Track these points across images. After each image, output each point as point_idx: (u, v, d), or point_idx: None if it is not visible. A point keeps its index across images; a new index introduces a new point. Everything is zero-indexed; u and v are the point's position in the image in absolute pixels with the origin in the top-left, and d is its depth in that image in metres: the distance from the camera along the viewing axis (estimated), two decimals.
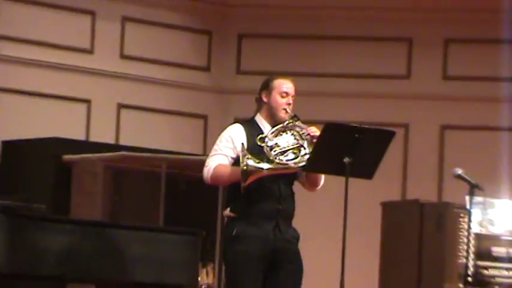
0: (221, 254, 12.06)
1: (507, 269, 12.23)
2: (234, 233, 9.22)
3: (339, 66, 15.45)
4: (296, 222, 9.33)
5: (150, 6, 16.11)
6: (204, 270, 13.45)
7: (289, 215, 9.38)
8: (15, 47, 14.91)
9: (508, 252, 12.29)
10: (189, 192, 13.95)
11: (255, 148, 9.11)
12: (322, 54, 15.44)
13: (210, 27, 16.51)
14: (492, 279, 12.10)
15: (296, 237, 9.40)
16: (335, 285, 9.15)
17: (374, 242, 12.39)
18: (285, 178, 9.35)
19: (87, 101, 15.70)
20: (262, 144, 9.14)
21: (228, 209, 9.41)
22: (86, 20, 15.79)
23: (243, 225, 9.22)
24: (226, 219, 9.61)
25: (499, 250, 12.25)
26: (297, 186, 9.37)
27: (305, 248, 9.39)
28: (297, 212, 9.39)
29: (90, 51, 15.78)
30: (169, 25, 16.28)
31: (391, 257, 12.48)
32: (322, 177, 9.41)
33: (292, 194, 9.41)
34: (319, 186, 9.48)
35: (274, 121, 9.37)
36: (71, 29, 15.68)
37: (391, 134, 9.53)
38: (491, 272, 12.11)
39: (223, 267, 10.86)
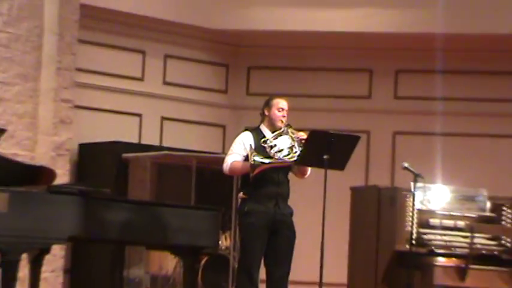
0: (236, 225, 12.44)
1: (440, 235, 12.36)
2: (245, 209, 9.75)
3: (320, 89, 15.50)
4: (290, 202, 9.78)
5: (185, 46, 16.09)
6: (223, 236, 13.58)
7: (285, 196, 9.85)
8: (88, 76, 15.07)
9: (441, 223, 12.45)
10: (212, 180, 14.06)
11: (260, 148, 9.60)
12: (307, 80, 15.40)
13: (227, 62, 16.52)
14: (429, 242, 12.21)
15: (290, 213, 9.84)
16: (317, 246, 9.53)
17: (345, 215, 12.56)
18: (282, 169, 9.81)
19: (139, 115, 15.89)
20: (265, 145, 9.65)
21: (241, 192, 9.93)
22: (139, 56, 15.91)
23: (252, 204, 9.72)
24: (240, 199, 10.02)
25: (434, 221, 12.44)
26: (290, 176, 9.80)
27: (296, 220, 9.77)
28: (291, 194, 9.84)
29: (141, 79, 15.92)
30: (198, 60, 16.30)
31: (357, 227, 12.70)
32: (309, 169, 9.90)
33: (288, 181, 9.89)
34: (307, 175, 9.95)
35: (273, 128, 9.83)
36: (127, 63, 15.84)
37: (357, 138, 9.98)
38: (428, 236, 12.27)
39: (238, 234, 11.28)
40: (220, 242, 12.91)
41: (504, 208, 12.63)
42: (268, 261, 9.85)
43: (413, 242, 12.02)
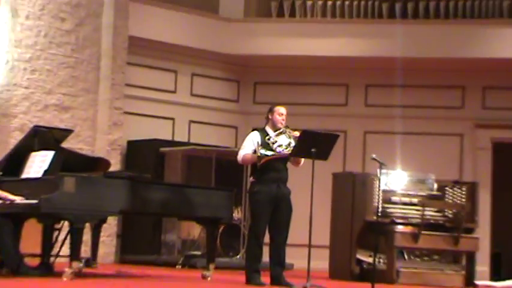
0: (246, 201, 12.50)
1: (399, 208, 12.37)
2: (255, 189, 9.88)
3: (310, 99, 15.54)
4: (288, 184, 9.85)
5: (207, 67, 16.10)
6: (236, 210, 13.39)
7: (285, 180, 9.93)
8: (134, 89, 15.09)
9: (399, 199, 12.46)
10: (227, 168, 13.94)
11: (265, 143, 9.80)
12: (300, 92, 15.38)
13: (238, 79, 16.50)
14: (391, 214, 12.28)
15: (288, 192, 9.93)
16: (308, 217, 9.52)
17: (328, 194, 12.58)
18: (281, 159, 9.88)
19: (172, 119, 15.83)
20: (269, 141, 9.85)
21: (251, 177, 10.03)
22: (172, 75, 15.84)
23: (260, 186, 9.84)
24: (250, 182, 10.10)
25: (394, 198, 12.45)
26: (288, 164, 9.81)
27: (293, 198, 9.87)
28: (289, 178, 9.90)
29: (174, 92, 15.87)
30: (217, 77, 16.29)
31: (337, 203, 12.68)
32: (302, 160, 9.95)
33: (286, 168, 9.98)
34: (301, 165, 10.01)
35: (275, 129, 9.91)
36: (164, 79, 15.80)
37: (337, 136, 10.20)
38: (390, 210, 12.32)
39: (247, 209, 11.36)
40: (233, 215, 12.86)
41: (447, 189, 12.71)
42: (271, 229, 9.95)
43: (379, 214, 11.94)
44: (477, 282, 12.61)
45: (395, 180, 12.62)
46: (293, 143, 9.78)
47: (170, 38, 15.39)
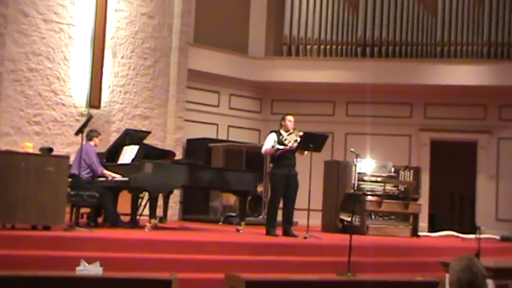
0: (266, 180, 12.49)
1: (369, 185, 12.37)
2: (273, 172, 10.17)
3: (310, 111, 15.26)
4: (297, 167, 9.75)
5: (239, 89, 15.86)
6: (259, 185, 13.34)
7: (294, 165, 10.06)
8: (191, 105, 14.83)
9: (369, 179, 12.44)
10: (253, 158, 13.66)
11: (279, 141, 9.96)
12: (304, 107, 15.13)
13: (261, 97, 16.28)
14: (363, 188, 12.26)
15: (296, 173, 10.06)
16: (307, 190, 9.53)
17: (321, 175, 12.33)
18: (291, 151, 9.96)
19: (217, 124, 15.62)
20: (282, 139, 9.97)
21: (271, 164, 10.34)
22: (216, 95, 15.62)
23: (277, 169, 10.06)
24: (270, 167, 10.41)
25: (365, 178, 12.41)
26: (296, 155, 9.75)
27: (299, 177, 9.87)
28: (297, 164, 9.84)
29: (217, 106, 15.61)
30: (246, 96, 16.10)
31: (327, 181, 12.61)
32: (305, 152, 10.00)
33: (295, 157, 10.07)
34: (304, 155, 10.05)
35: (286, 130, 9.99)
36: (209, 98, 15.54)
37: (327, 136, 10.50)
38: (363, 185, 12.31)
39: (267, 185, 11.28)
40: (257, 189, 12.86)
41: (400, 171, 12.72)
42: (284, 198, 10.09)
43: (355, 188, 12.21)
44: (420, 233, 12.69)
45: (366, 166, 12.59)
46: (298, 140, 9.85)
47: (215, 70, 15.27)
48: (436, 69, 15.32)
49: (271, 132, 10.20)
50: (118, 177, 9.82)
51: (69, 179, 9.01)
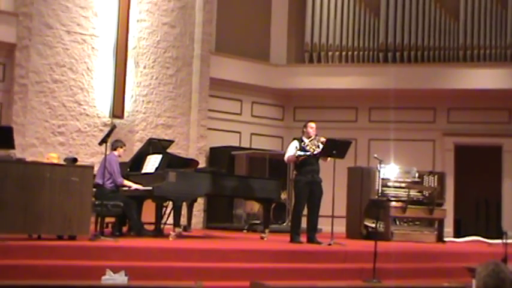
0: (290, 187, 12.47)
1: (393, 190, 12.26)
2: (297, 179, 10.12)
3: (332, 117, 15.09)
4: (321, 174, 9.77)
5: (262, 97, 15.82)
6: (283, 193, 13.24)
7: (317, 171, 10.01)
8: (214, 113, 14.81)
9: (393, 184, 12.31)
10: (276, 165, 13.50)
11: (302, 147, 9.84)
12: (326, 113, 14.99)
13: (283, 104, 16.21)
14: (387, 194, 12.14)
15: (320, 180, 10.01)
16: (331, 197, 9.50)
17: (345, 181, 12.19)
18: (314, 157, 9.92)
19: (239, 132, 15.54)
20: (304, 146, 9.97)
21: (295, 171, 10.21)
22: (239, 103, 15.59)
23: (300, 176, 10.03)
24: (294, 175, 10.31)
25: (389, 183, 12.28)
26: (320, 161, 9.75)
27: (323, 184, 9.85)
28: (321, 170, 9.85)
29: (240, 114, 15.58)
30: (268, 104, 16.03)
31: (351, 187, 12.45)
32: (328, 158, 10.01)
33: (318, 164, 10.03)
34: (327, 161, 10.08)
35: (308, 137, 9.98)
36: (233, 106, 15.49)
37: (350, 142, 10.60)
38: (387, 191, 12.18)
39: (291, 192, 11.27)
40: (281, 196, 12.79)
41: (424, 177, 12.62)
42: (308, 205, 10.07)
43: (379, 194, 12.14)
44: (445, 239, 12.59)
45: (390, 172, 12.47)
46: (321, 147, 9.84)
47: (237, 78, 15.26)
48: (459, 73, 15.19)
49: (293, 139, 10.18)
50: (138, 187, 9.86)
51: (94, 189, 9.06)
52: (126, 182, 9.88)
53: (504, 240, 8.80)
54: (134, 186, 9.86)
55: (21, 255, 7.22)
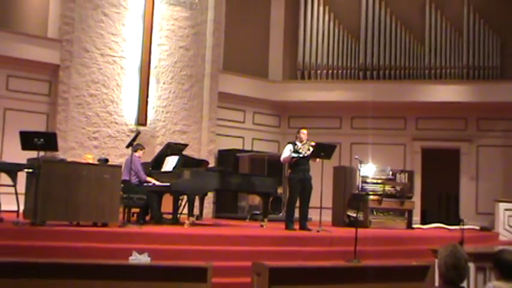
0: (285, 183, 12.36)
1: (371, 186, 12.29)
2: (291, 176, 10.03)
3: (320, 124, 15.02)
4: (311, 172, 9.66)
5: (262, 107, 15.76)
6: (279, 188, 13.08)
7: (308, 170, 9.97)
8: (222, 121, 14.78)
9: (371, 181, 12.34)
10: (273, 165, 13.39)
11: (295, 150, 9.79)
12: (316, 121, 14.93)
13: (279, 114, 16.13)
14: (366, 189, 12.16)
15: (310, 177, 9.96)
16: (320, 191, 9.51)
17: (331, 179, 12.12)
18: (305, 158, 9.85)
19: (243, 137, 15.45)
20: (297, 149, 9.88)
21: (289, 170, 10.08)
22: (242, 113, 15.57)
23: (294, 174, 9.99)
24: (288, 173, 10.19)
25: (368, 180, 12.31)
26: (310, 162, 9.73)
27: (313, 180, 9.72)
28: (311, 169, 9.78)
29: (243, 122, 15.53)
30: (267, 113, 15.94)
31: (336, 183, 12.44)
32: (317, 159, 9.92)
33: (309, 164, 9.99)
34: (317, 162, 9.97)
35: (301, 142, 9.95)
36: (237, 115, 15.47)
37: (335, 146, 10.35)
38: (366, 186, 12.23)
39: (286, 188, 11.14)
40: (278, 191, 12.74)
41: (396, 174, 12.67)
42: (300, 198, 10.04)
43: (359, 189, 12.15)
44: (413, 226, 12.65)
45: (368, 170, 12.51)
46: (311, 150, 9.82)
47: (241, 92, 15.24)
48: (425, 89, 15.22)
49: (288, 143, 10.17)
50: (158, 183, 9.87)
51: (122, 184, 9.08)
52: (149, 179, 9.93)
53: (461, 226, 8.82)
54: (155, 182, 9.90)
55: (63, 239, 7.32)
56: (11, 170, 8.73)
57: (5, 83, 12.11)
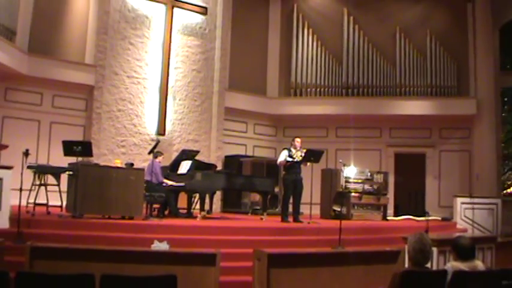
0: (281, 183, 12.23)
1: (353, 184, 12.27)
2: (285, 177, 9.93)
3: (310, 134, 14.74)
4: (302, 174, 9.58)
5: (260, 120, 15.63)
6: (276, 187, 13.05)
7: (300, 172, 9.90)
8: (228, 132, 14.73)
9: (353, 181, 12.31)
10: (271, 168, 13.42)
11: (289, 155, 9.65)
12: (308, 131, 14.65)
13: (276, 125, 16.06)
14: (349, 187, 12.14)
15: (302, 178, 9.88)
16: (309, 189, 9.50)
17: (319, 179, 12.11)
18: (298, 162, 9.78)
19: (245, 145, 15.39)
20: (292, 154, 9.75)
21: (284, 171, 9.99)
22: (244, 124, 15.48)
23: (288, 175, 9.92)
24: (283, 174, 10.09)
25: (350, 180, 12.29)
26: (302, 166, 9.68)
27: (304, 180, 9.66)
28: (302, 171, 9.73)
29: (245, 132, 15.45)
30: (265, 125, 15.86)
31: (324, 183, 12.40)
32: (308, 163, 9.84)
33: (300, 167, 9.90)
34: (307, 166, 9.88)
35: (295, 148, 9.80)
36: (240, 127, 15.37)
37: (323, 152, 10.27)
38: (348, 185, 12.18)
39: (282, 187, 11.04)
40: (275, 189, 12.69)
41: (374, 175, 12.63)
42: (293, 196, 10.01)
43: (343, 188, 12.06)
44: (388, 218, 12.63)
45: (350, 172, 12.48)
46: (303, 155, 9.80)
47: (244, 107, 15.20)
48: (396, 104, 15.19)
49: (283, 149, 10.17)
50: (171, 183, 9.85)
51: (145, 184, 9.11)
52: (166, 181, 9.93)
53: (426, 218, 8.84)
54: (172, 183, 9.90)
55: (97, 229, 7.38)
56: (56, 172, 8.89)
57: (51, 101, 12.30)
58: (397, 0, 15.79)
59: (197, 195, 10.31)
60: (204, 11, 13.97)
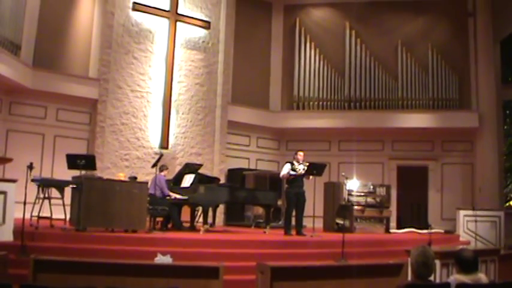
0: (284, 196, 12.21)
1: (355, 198, 12.27)
2: (288, 190, 9.90)
3: (313, 147, 14.84)
4: (305, 187, 9.58)
5: (264, 133, 15.67)
6: (279, 200, 13.05)
7: (302, 185, 9.89)
8: (230, 145, 14.70)
9: (355, 194, 12.34)
10: (274, 181, 13.37)
11: (292, 168, 9.61)
12: (310, 145, 14.82)
13: (279, 139, 16.04)
14: (352, 200, 12.13)
15: (304, 191, 9.84)
16: (312, 203, 9.50)
17: (322, 192, 12.23)
18: (301, 175, 9.76)
19: (248, 158, 15.40)
20: (294, 167, 9.74)
21: (287, 185, 9.97)
22: (247, 138, 15.49)
23: (290, 189, 9.89)
24: (286, 188, 10.11)
25: (353, 193, 12.30)
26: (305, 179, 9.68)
27: (306, 194, 9.65)
28: (305, 184, 9.72)
29: (248, 145, 15.48)
30: (268, 138, 15.84)
31: (327, 196, 12.48)
32: (310, 176, 9.85)
33: (303, 180, 9.86)
34: (310, 179, 9.89)
35: (298, 162, 9.74)
36: (243, 140, 15.39)
37: (325, 165, 10.24)
38: (351, 198, 12.20)
39: (284, 200, 10.92)
40: (278, 203, 12.65)
41: (376, 188, 12.65)
42: (296, 209, 9.99)
43: (346, 201, 12.05)
44: (390, 230, 12.59)
45: (353, 185, 12.53)
46: (305, 168, 9.79)
47: (246, 120, 15.21)
48: (398, 117, 15.20)
49: (286, 162, 10.16)
50: (178, 196, 9.86)
51: (148, 198, 9.12)
52: (171, 193, 9.93)
53: (429, 230, 8.81)
54: (176, 196, 9.90)
55: (101, 242, 7.39)
56: (60, 185, 8.88)
57: (55, 115, 12.33)
58: (398, 14, 15.87)
59: (200, 208, 10.30)
60: (207, 25, 14.05)
